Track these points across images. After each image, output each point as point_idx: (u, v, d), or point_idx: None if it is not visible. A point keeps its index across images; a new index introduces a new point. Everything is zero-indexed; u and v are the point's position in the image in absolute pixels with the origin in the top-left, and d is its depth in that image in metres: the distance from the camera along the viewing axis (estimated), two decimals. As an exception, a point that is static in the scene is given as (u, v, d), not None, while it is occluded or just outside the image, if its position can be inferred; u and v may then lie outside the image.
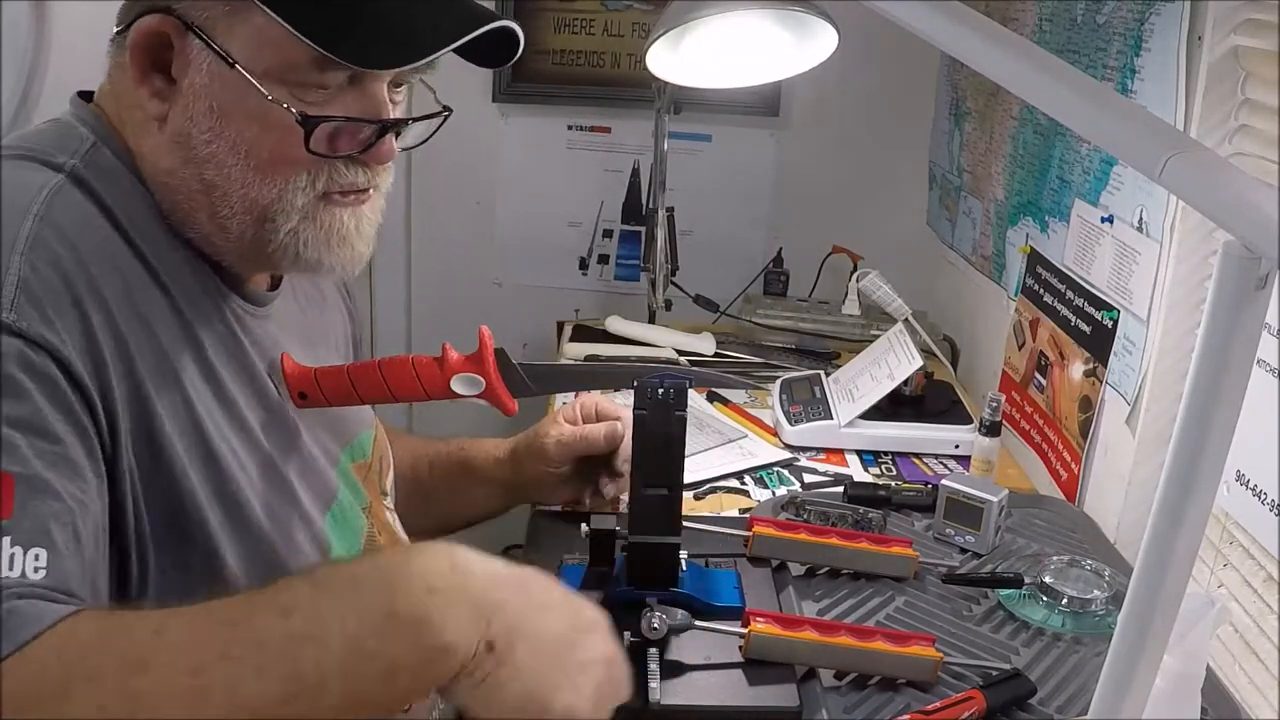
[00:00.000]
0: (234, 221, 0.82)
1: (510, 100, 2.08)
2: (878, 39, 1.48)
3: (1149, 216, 1.21)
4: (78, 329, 0.73)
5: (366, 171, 0.85)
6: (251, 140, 0.80)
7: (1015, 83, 0.62)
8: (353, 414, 1.04)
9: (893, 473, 1.45)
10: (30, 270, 0.72)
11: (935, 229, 2.04)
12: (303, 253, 0.84)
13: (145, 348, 0.77)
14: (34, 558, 0.65)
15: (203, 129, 0.80)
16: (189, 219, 0.84)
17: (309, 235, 0.84)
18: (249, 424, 0.86)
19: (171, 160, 0.82)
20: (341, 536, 0.93)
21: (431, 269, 2.18)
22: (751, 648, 0.98)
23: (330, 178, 0.83)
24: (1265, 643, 1.00)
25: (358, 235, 0.87)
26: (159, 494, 0.77)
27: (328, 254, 0.85)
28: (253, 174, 0.81)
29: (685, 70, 1.43)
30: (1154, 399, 1.21)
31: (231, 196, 0.82)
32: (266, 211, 0.82)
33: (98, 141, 0.83)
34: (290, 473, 0.89)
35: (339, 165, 0.83)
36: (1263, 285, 0.53)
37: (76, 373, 0.71)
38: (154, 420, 0.77)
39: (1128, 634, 0.62)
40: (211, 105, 0.80)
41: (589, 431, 1.20)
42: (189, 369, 0.81)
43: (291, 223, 0.83)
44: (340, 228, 0.85)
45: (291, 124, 0.79)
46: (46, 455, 0.68)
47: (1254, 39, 1.04)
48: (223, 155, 0.80)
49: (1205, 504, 0.58)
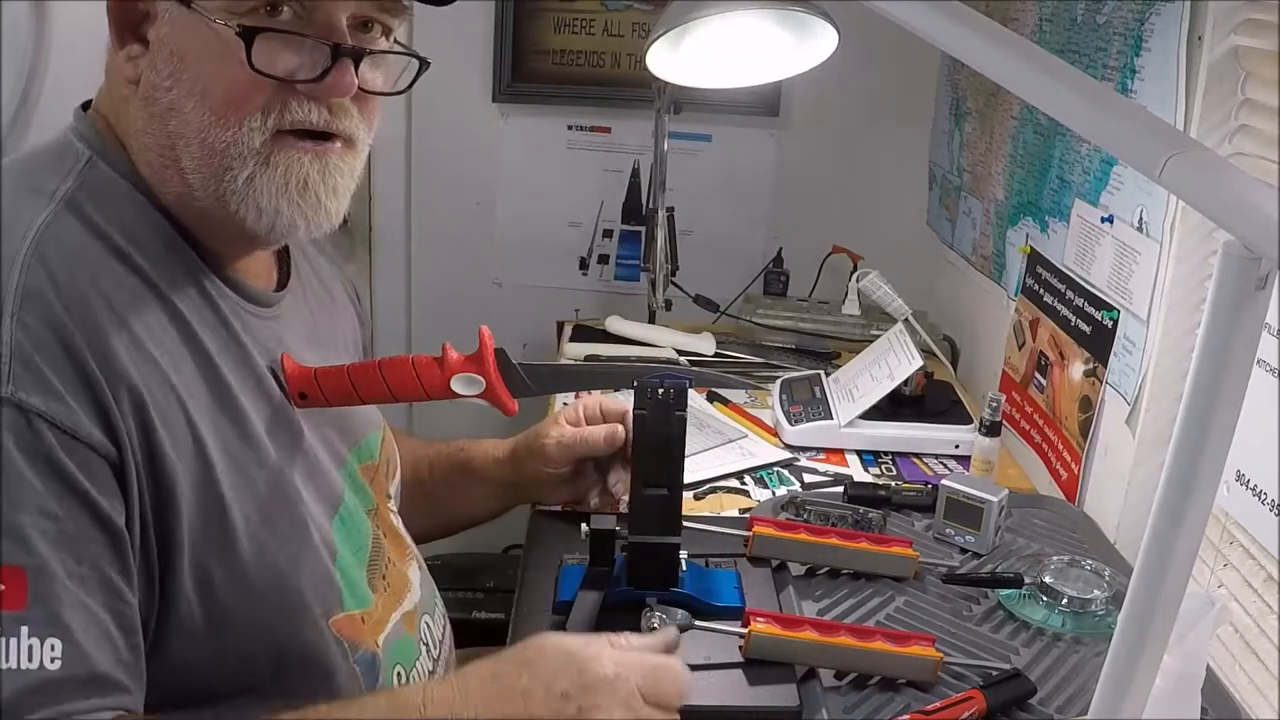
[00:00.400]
0: (197, 175, 0.81)
1: (510, 100, 2.08)
2: (878, 39, 1.48)
3: (1149, 216, 1.21)
4: (77, 382, 0.72)
5: (324, 111, 0.82)
6: (206, 77, 0.79)
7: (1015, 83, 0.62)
8: (361, 415, 1.04)
9: (893, 473, 1.45)
10: (23, 332, 0.71)
11: (935, 229, 2.04)
12: (262, 204, 0.82)
13: (150, 377, 0.76)
14: (50, 648, 0.66)
15: (164, 76, 0.80)
16: (164, 178, 0.83)
17: (265, 181, 0.81)
18: (255, 432, 0.85)
19: (143, 118, 0.82)
20: (347, 540, 0.93)
21: (431, 269, 2.18)
22: (751, 648, 0.98)
23: (282, 113, 0.80)
24: (1265, 643, 1.00)
25: (323, 185, 0.83)
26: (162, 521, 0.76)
27: (287, 204, 0.82)
28: (209, 115, 0.80)
29: (685, 70, 1.43)
30: (1154, 399, 1.21)
31: (193, 145, 0.80)
32: (223, 158, 0.80)
33: (93, 156, 0.82)
34: (296, 477, 0.88)
35: (292, 102, 0.81)
36: (1263, 285, 0.53)
37: (83, 432, 0.71)
38: (160, 450, 0.76)
39: (1128, 634, 0.62)
40: (171, 51, 0.79)
41: (589, 434, 1.20)
42: (194, 386, 0.81)
43: (248, 168, 0.81)
44: (300, 172, 0.82)
45: (234, 44, 0.78)
46: (52, 536, 0.68)
47: (1254, 39, 1.04)
48: (181, 100, 0.80)
49: (1205, 504, 0.58)
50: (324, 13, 0.81)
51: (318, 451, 0.93)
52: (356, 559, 0.93)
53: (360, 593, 0.92)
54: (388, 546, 0.99)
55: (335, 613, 0.87)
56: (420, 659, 0.99)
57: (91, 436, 0.71)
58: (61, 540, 0.69)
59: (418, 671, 0.98)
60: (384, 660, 0.92)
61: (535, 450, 1.22)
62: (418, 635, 1.00)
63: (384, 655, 0.92)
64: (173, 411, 0.77)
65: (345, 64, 0.81)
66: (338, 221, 0.86)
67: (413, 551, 1.06)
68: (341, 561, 0.90)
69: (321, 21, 0.81)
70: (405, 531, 1.08)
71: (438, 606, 1.07)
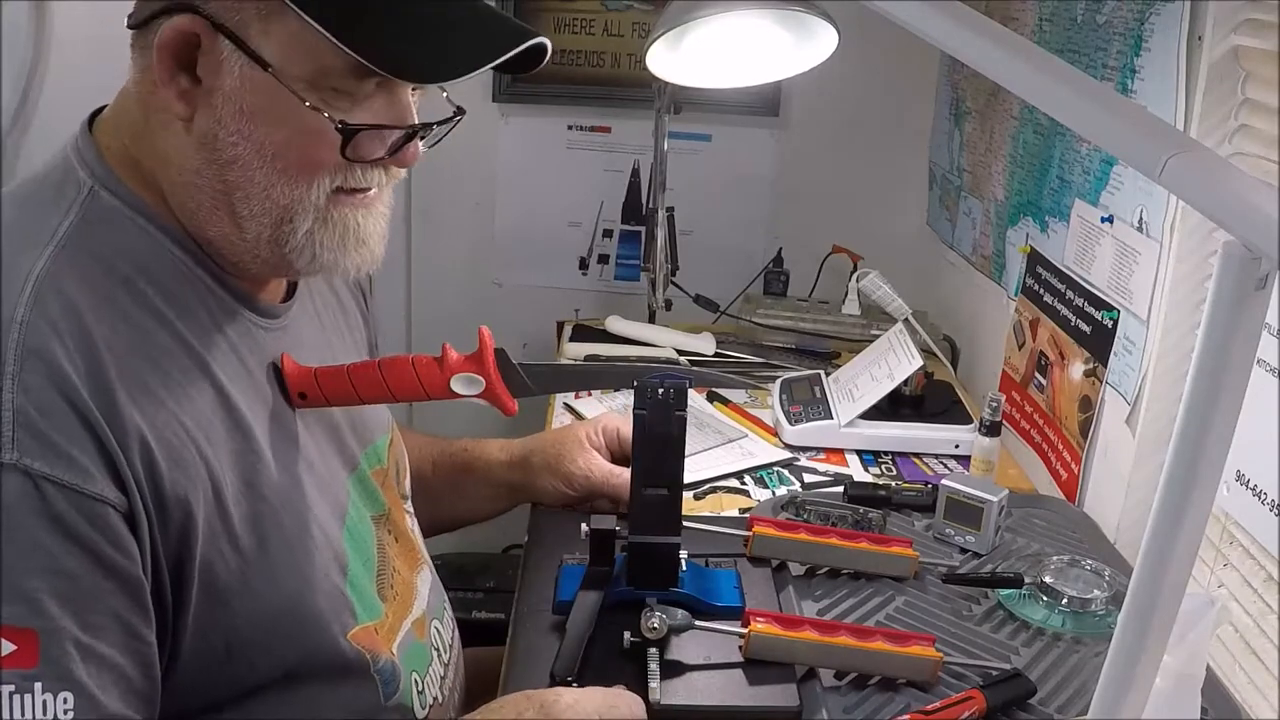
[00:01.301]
0: (253, 223, 0.82)
1: (510, 100, 2.08)
2: (878, 39, 1.48)
3: (1149, 216, 1.21)
4: (84, 438, 0.71)
5: (384, 174, 0.85)
6: (280, 143, 0.79)
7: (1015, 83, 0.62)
8: (373, 418, 1.04)
9: (893, 473, 1.45)
10: (24, 395, 0.70)
11: (935, 229, 2.04)
12: (319, 254, 0.84)
13: (159, 420, 0.76)
14: (63, 701, 0.68)
15: (230, 131, 0.79)
16: (210, 218, 0.83)
17: (324, 237, 0.84)
18: (265, 455, 0.84)
19: (196, 161, 0.81)
20: (357, 551, 0.92)
21: (431, 269, 2.18)
22: (751, 648, 0.98)
23: (346, 178, 0.83)
24: (1265, 643, 1.00)
25: (373, 233, 0.87)
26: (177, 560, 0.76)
27: (344, 256, 0.85)
28: (277, 176, 0.80)
29: (685, 70, 1.43)
30: (1154, 399, 1.21)
31: (253, 198, 0.81)
32: (286, 213, 0.82)
33: (95, 186, 0.81)
34: (308, 493, 0.88)
35: (358, 170, 0.83)
36: (1263, 285, 0.53)
37: (92, 488, 0.70)
38: (173, 494, 0.75)
39: (1128, 634, 0.62)
40: (241, 108, 0.79)
41: (619, 485, 1.22)
42: (205, 417, 0.80)
43: (308, 224, 0.82)
44: (356, 229, 0.85)
45: (325, 129, 0.79)
46: (65, 594, 0.69)
47: (1254, 39, 1.04)
48: (248, 157, 0.80)
49: (1205, 504, 0.58)
50: (401, 96, 0.82)
51: (327, 462, 0.93)
52: (366, 570, 0.93)
53: (371, 604, 0.91)
54: (393, 554, 0.99)
55: (351, 627, 0.87)
56: (433, 664, 0.99)
57: (102, 491, 0.71)
58: (75, 597, 0.70)
59: (431, 676, 0.98)
60: (402, 666, 0.92)
61: (557, 471, 1.24)
62: (429, 640, 1.00)
63: (400, 662, 0.92)
64: (184, 449, 0.77)
65: (414, 140, 0.84)
66: (381, 259, 0.89)
67: (423, 557, 1.06)
68: (353, 574, 0.90)
69: (399, 102, 0.82)
70: (419, 534, 1.08)
71: (446, 611, 1.07)
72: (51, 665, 0.68)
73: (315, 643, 0.85)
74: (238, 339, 0.86)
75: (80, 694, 0.69)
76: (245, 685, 0.81)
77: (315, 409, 0.93)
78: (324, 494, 0.90)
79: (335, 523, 0.91)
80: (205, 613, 0.77)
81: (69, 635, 0.69)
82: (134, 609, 0.73)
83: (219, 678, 0.80)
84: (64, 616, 0.69)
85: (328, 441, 0.95)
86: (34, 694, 0.67)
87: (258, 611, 0.80)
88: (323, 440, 0.94)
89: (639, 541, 1.05)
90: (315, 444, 0.92)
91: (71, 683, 0.69)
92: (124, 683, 0.72)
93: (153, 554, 0.74)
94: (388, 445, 1.06)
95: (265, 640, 0.81)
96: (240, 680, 0.81)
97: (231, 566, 0.79)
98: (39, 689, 0.67)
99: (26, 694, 0.67)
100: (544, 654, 1.00)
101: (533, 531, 1.24)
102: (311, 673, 0.84)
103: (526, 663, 1.00)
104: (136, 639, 0.73)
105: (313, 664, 0.84)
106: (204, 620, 0.78)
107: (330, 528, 0.89)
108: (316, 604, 0.85)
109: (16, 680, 0.67)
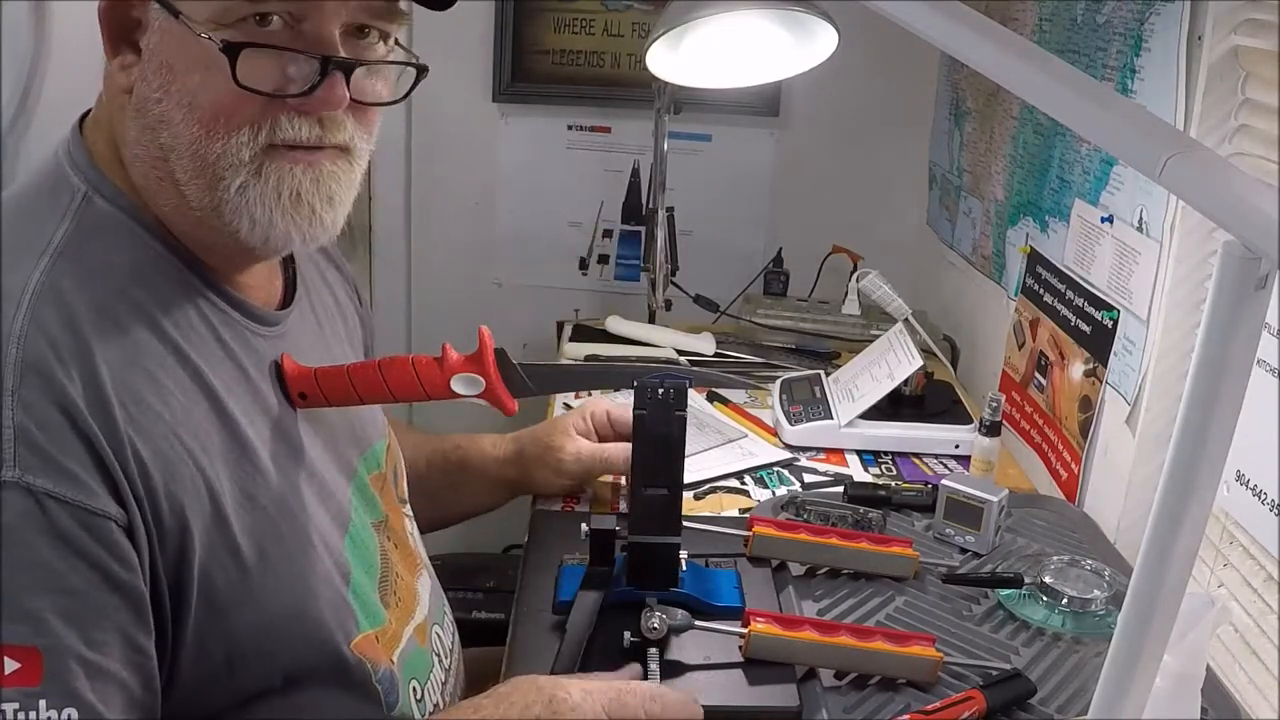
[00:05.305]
0: (191, 187, 0.80)
1: (510, 100, 2.08)
2: (878, 39, 1.48)
3: (1149, 216, 1.21)
4: (85, 454, 0.71)
5: (315, 125, 0.80)
6: (194, 89, 0.77)
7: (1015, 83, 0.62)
8: (369, 423, 1.04)
9: (893, 473, 1.45)
10: (24, 412, 0.70)
11: (935, 229, 2.04)
12: (257, 215, 0.80)
13: (156, 433, 0.75)
14: (67, 717, 0.68)
15: (154, 88, 0.78)
16: (159, 191, 0.81)
17: (257, 192, 0.79)
18: (264, 465, 0.84)
19: (135, 129, 0.80)
20: (359, 560, 0.92)
21: (431, 269, 2.18)
22: (751, 648, 0.98)
23: (273, 129, 0.78)
24: (1265, 643, 1.00)
25: (316, 195, 0.81)
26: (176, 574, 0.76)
27: (280, 215, 0.80)
28: (198, 128, 0.78)
29: (685, 70, 1.43)
30: (1154, 399, 1.21)
31: (184, 158, 0.79)
32: (215, 168, 0.79)
33: (88, 192, 0.81)
34: (308, 502, 0.87)
35: (282, 118, 0.79)
36: (1263, 285, 0.53)
37: (95, 504, 0.70)
38: (171, 507, 0.75)
39: (1128, 634, 0.62)
40: (162, 61, 0.78)
41: (609, 454, 1.22)
42: (202, 429, 0.79)
43: (240, 177, 0.79)
44: (292, 184, 0.80)
45: (223, 63, 0.76)
46: (69, 611, 0.69)
47: (1254, 39, 1.04)
48: (171, 112, 0.78)
49: (1205, 504, 0.58)
50: (313, 23, 0.78)
51: (327, 470, 0.93)
52: (369, 577, 0.93)
53: (374, 611, 0.91)
54: (395, 560, 0.99)
55: (354, 635, 0.87)
56: (434, 670, 0.99)
57: (104, 506, 0.71)
58: (79, 614, 0.70)
59: (432, 683, 0.98)
60: (401, 676, 0.92)
61: (548, 461, 1.24)
62: (430, 646, 1.00)
63: (400, 671, 0.92)
64: (181, 463, 0.77)
65: (336, 77, 0.78)
66: (335, 232, 0.85)
67: (422, 561, 1.06)
68: (355, 583, 0.90)
69: (311, 33, 0.78)
70: (418, 538, 1.08)
71: (446, 615, 1.07)
72: (55, 683, 0.68)
73: (318, 651, 0.84)
74: (236, 347, 0.86)
75: (84, 710, 0.69)
76: (245, 694, 0.81)
77: (314, 416, 0.93)
78: (325, 502, 0.90)
79: (337, 530, 0.90)
80: (205, 623, 0.77)
81: (73, 652, 0.69)
82: (137, 623, 0.73)
83: (219, 687, 0.79)
84: (68, 634, 0.69)
85: (328, 448, 0.94)
86: (38, 711, 0.67)
87: (258, 621, 0.80)
88: (323, 447, 0.93)
89: (639, 541, 1.05)
90: (317, 451, 0.92)
91: (76, 699, 0.69)
92: (127, 697, 0.72)
93: (151, 567, 0.74)
94: (385, 449, 1.06)
95: (266, 649, 0.81)
96: (240, 689, 0.80)
97: (231, 577, 0.79)
98: (43, 706, 0.67)
99: (30, 711, 0.67)
100: (544, 654, 1.00)
101: (533, 531, 1.24)
102: (312, 682, 0.84)
103: (526, 663, 1.00)
104: (139, 652, 0.73)
105: (314, 673, 0.84)
106: (204, 631, 0.77)
107: (331, 536, 0.89)
108: (319, 612, 0.84)
109: (20, 698, 0.67)
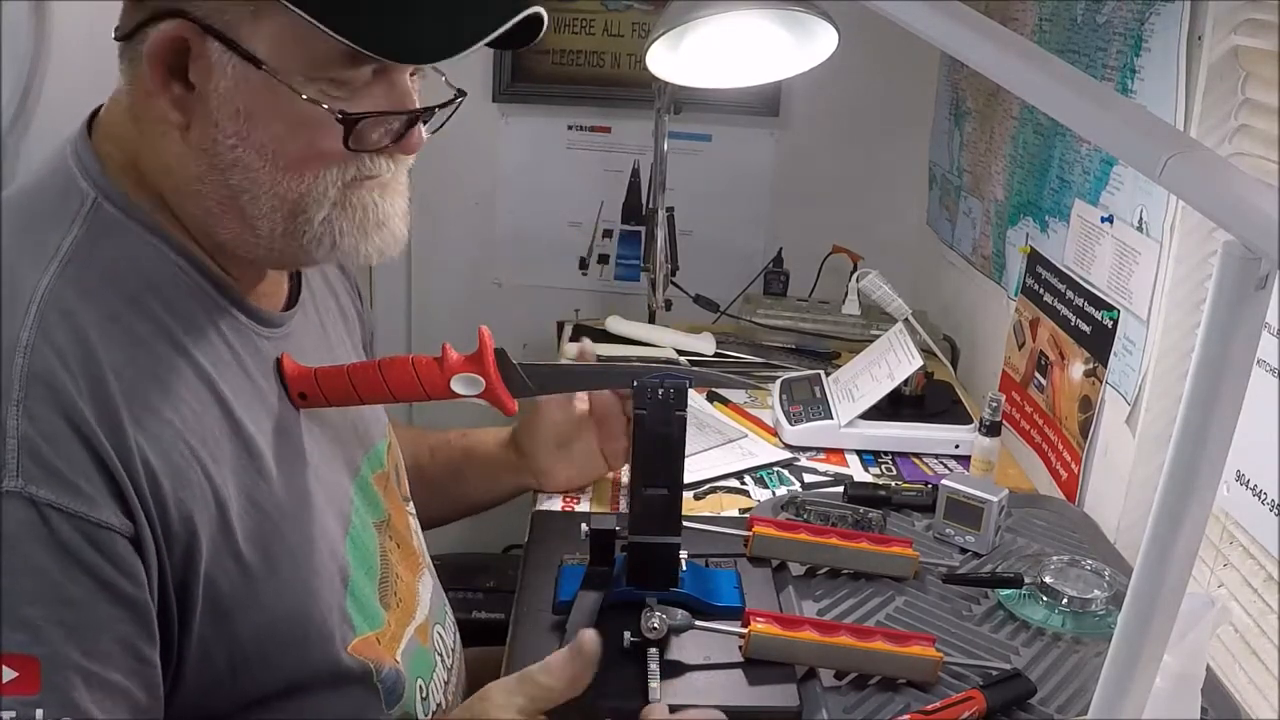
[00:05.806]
0: (264, 221, 0.81)
1: (510, 100, 2.08)
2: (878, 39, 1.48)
3: (1149, 216, 1.21)
4: (91, 466, 0.70)
5: (392, 161, 0.84)
6: (280, 140, 0.78)
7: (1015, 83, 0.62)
8: (372, 422, 1.03)
9: (893, 473, 1.45)
10: (29, 422, 0.69)
11: (935, 229, 2.04)
12: (339, 241, 0.83)
13: (166, 442, 0.75)
14: None
15: (228, 134, 0.78)
16: (220, 223, 0.82)
17: (343, 223, 0.82)
18: (270, 469, 0.83)
19: (198, 168, 0.80)
20: (360, 561, 0.92)
21: (431, 269, 2.18)
22: (751, 648, 0.98)
23: (359, 170, 0.82)
24: (1265, 643, 1.00)
25: (393, 214, 0.86)
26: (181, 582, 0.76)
27: (364, 240, 0.84)
28: (282, 174, 0.79)
29: (685, 70, 1.43)
30: (1154, 399, 1.21)
31: (260, 199, 0.80)
32: (297, 206, 0.80)
33: (98, 198, 0.80)
34: (313, 505, 0.87)
35: (366, 160, 0.81)
36: (1263, 285, 0.53)
37: (99, 516, 0.70)
38: (179, 517, 0.75)
39: (1128, 634, 0.62)
40: (237, 109, 0.77)
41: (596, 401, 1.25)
42: (211, 435, 0.79)
43: (324, 211, 0.81)
44: (375, 209, 0.84)
45: (325, 121, 0.77)
46: (70, 622, 0.68)
47: (1254, 39, 1.04)
48: (249, 159, 0.78)
49: (1205, 504, 0.58)
50: (400, 81, 0.81)
51: (330, 470, 0.92)
52: (369, 578, 0.93)
53: (373, 614, 0.91)
54: (395, 560, 0.99)
55: (351, 639, 0.87)
56: (437, 669, 0.99)
57: (108, 518, 0.70)
58: (79, 625, 0.69)
59: (436, 682, 0.98)
60: (406, 674, 0.92)
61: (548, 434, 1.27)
62: (431, 646, 1.00)
63: (405, 670, 0.92)
64: (189, 469, 0.76)
65: (418, 125, 0.83)
66: (405, 240, 0.88)
67: (424, 561, 1.06)
68: (355, 585, 0.90)
69: (398, 87, 0.81)
70: (420, 537, 1.08)
71: (447, 615, 1.07)
72: (54, 692, 0.68)
73: (317, 655, 0.84)
74: (241, 349, 0.86)
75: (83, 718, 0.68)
76: (248, 698, 0.81)
77: (318, 416, 0.93)
78: (330, 504, 0.90)
79: (339, 532, 0.90)
80: (209, 628, 0.77)
81: (72, 662, 0.68)
82: (140, 634, 0.72)
83: (221, 691, 0.79)
84: (67, 644, 0.68)
85: (331, 448, 0.94)
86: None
87: (261, 625, 0.80)
88: (327, 448, 0.93)
89: (639, 541, 1.05)
90: (320, 452, 0.92)
91: (75, 709, 0.68)
92: (131, 707, 0.72)
93: (160, 577, 0.74)
94: (387, 448, 1.06)
95: (267, 653, 0.81)
96: (242, 693, 0.80)
97: (235, 581, 0.79)
98: (40, 715, 0.67)
99: None
100: (544, 654, 0.99)
101: (533, 531, 1.24)
102: (313, 684, 0.84)
103: (526, 663, 0.99)
104: (143, 662, 0.73)
105: (314, 676, 0.84)
106: (207, 635, 0.77)
107: (334, 539, 0.89)
108: (318, 616, 0.84)
109: (18, 708, 0.66)
